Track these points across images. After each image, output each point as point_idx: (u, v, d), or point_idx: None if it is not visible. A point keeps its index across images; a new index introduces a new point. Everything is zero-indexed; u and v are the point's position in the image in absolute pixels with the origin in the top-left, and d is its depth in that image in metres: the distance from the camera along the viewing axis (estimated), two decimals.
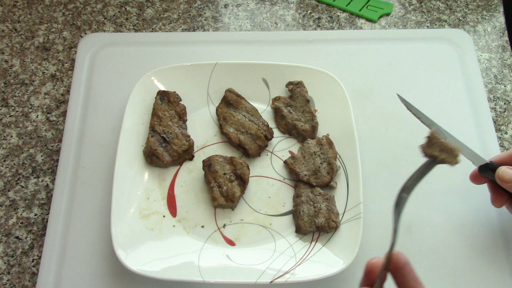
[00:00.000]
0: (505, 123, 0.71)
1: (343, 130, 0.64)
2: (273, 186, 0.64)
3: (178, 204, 0.62)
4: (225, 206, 0.61)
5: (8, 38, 0.78)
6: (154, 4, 0.82)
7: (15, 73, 0.74)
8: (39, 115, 0.71)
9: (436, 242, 0.61)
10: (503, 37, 0.79)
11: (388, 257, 0.39)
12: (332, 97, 0.67)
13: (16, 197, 0.65)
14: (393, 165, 0.66)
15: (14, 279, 0.59)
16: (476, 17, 0.81)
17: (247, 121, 0.66)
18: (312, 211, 0.60)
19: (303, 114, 0.67)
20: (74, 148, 0.66)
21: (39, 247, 0.61)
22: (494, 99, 0.73)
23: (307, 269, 0.56)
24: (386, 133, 0.69)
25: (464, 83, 0.73)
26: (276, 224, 0.61)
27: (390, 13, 0.81)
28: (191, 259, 0.57)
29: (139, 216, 0.60)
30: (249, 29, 0.79)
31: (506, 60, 0.76)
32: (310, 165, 0.63)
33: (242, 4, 0.82)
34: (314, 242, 0.59)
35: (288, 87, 0.68)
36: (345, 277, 0.58)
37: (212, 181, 0.61)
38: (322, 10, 0.81)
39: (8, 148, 0.68)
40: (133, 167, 0.63)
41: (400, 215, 0.42)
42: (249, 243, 0.60)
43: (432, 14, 0.81)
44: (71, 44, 0.77)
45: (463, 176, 0.65)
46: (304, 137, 0.66)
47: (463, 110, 0.70)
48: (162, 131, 0.64)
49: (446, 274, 0.59)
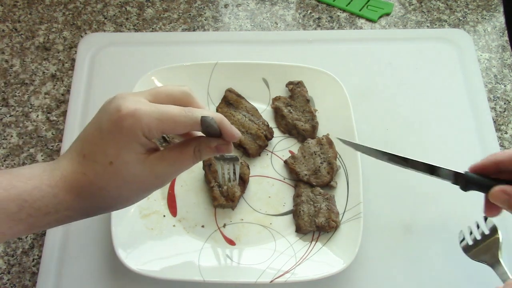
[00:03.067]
0: (505, 123, 0.71)
1: (343, 130, 0.64)
2: (273, 186, 0.64)
3: (178, 204, 0.62)
4: (225, 206, 0.61)
5: (8, 38, 0.78)
6: (154, 4, 0.82)
7: (15, 73, 0.74)
8: (39, 115, 0.71)
9: (436, 242, 0.61)
10: (503, 37, 0.79)
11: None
12: (332, 97, 0.67)
13: None
14: (393, 165, 0.66)
15: (15, 279, 0.59)
16: (476, 17, 0.81)
17: (247, 121, 0.66)
18: (312, 210, 0.60)
19: (303, 114, 0.67)
20: None
21: (39, 247, 0.61)
22: (494, 99, 0.73)
23: (307, 268, 0.56)
24: (386, 133, 0.69)
25: (464, 83, 0.73)
26: (276, 223, 0.61)
27: (390, 13, 0.81)
28: (191, 259, 0.58)
29: (139, 215, 0.60)
30: (249, 29, 0.79)
31: (506, 60, 0.76)
32: (310, 164, 0.63)
33: (242, 4, 0.82)
34: (314, 242, 0.59)
35: (288, 87, 0.68)
36: (345, 277, 0.58)
37: (212, 180, 0.61)
38: (322, 10, 0.81)
39: (8, 147, 0.68)
40: None
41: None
42: (249, 243, 0.60)
43: (432, 14, 0.81)
44: (71, 44, 0.77)
45: None
46: (304, 136, 0.66)
47: (463, 110, 0.70)
48: None
49: (447, 274, 0.59)
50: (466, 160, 0.66)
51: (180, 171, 0.44)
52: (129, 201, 0.43)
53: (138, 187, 0.42)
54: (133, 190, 0.42)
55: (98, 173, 0.40)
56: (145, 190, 0.43)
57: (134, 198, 0.43)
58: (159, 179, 0.43)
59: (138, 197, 0.44)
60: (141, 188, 0.42)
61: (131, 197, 0.43)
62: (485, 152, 0.67)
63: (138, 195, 0.43)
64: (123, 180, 0.40)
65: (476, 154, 0.67)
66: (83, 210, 0.41)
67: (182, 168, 0.43)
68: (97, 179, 0.40)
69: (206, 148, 0.43)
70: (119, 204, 0.43)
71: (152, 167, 0.41)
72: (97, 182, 0.40)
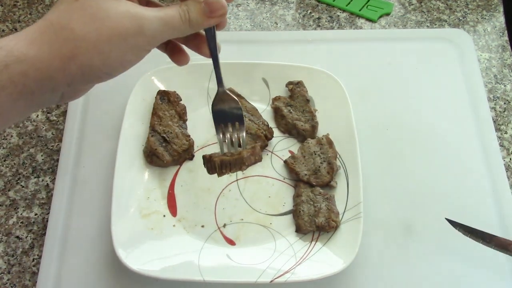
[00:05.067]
0: (505, 123, 0.71)
1: (343, 129, 0.64)
2: (273, 185, 0.64)
3: (178, 204, 0.62)
4: (232, 163, 0.51)
5: None
6: None
7: None
8: (39, 114, 0.71)
9: (436, 242, 0.61)
10: (503, 37, 0.79)
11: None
12: (332, 97, 0.67)
13: (16, 197, 0.65)
14: (393, 165, 0.66)
15: (15, 279, 0.59)
16: (476, 17, 0.81)
17: (247, 121, 0.66)
18: (312, 210, 0.60)
19: (303, 114, 0.67)
20: (74, 148, 0.66)
21: (39, 247, 0.61)
22: (494, 99, 0.73)
23: (307, 268, 0.56)
24: (386, 133, 0.69)
25: (464, 83, 0.73)
26: (276, 223, 0.61)
27: (390, 13, 0.81)
28: (191, 259, 0.58)
29: (139, 215, 0.60)
30: (249, 29, 0.79)
31: (506, 60, 0.76)
32: (310, 164, 0.63)
33: (242, 4, 0.82)
34: (314, 242, 0.59)
35: (288, 87, 0.68)
36: (345, 277, 0.58)
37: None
38: (322, 10, 0.81)
39: (8, 147, 0.68)
40: (133, 166, 0.63)
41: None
42: (249, 243, 0.60)
43: (432, 14, 0.81)
44: None
45: (463, 175, 0.66)
46: (304, 136, 0.66)
47: (463, 109, 0.70)
48: (162, 130, 0.64)
49: (446, 274, 0.59)
50: (466, 160, 0.67)
51: (163, 32, 0.37)
52: (101, 52, 0.34)
53: (110, 27, 0.34)
54: (102, 31, 0.33)
55: (61, 10, 0.33)
56: (119, 37, 0.34)
57: (106, 48, 0.34)
58: (135, 26, 0.34)
59: (113, 46, 0.34)
60: (114, 31, 0.34)
61: (102, 44, 0.34)
62: (485, 152, 0.67)
63: (112, 42, 0.34)
64: (90, 14, 0.33)
65: (476, 154, 0.67)
66: (42, 63, 0.33)
67: (167, 24, 0.36)
68: (58, 17, 0.33)
69: (194, 3, 0.38)
70: (90, 54, 0.34)
71: (128, 7, 0.34)
72: (57, 20, 0.33)
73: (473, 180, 0.65)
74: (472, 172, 0.66)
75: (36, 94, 0.34)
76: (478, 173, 0.65)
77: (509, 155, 0.68)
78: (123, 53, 0.35)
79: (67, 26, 0.33)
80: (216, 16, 0.40)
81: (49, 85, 0.34)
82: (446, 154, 0.67)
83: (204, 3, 0.38)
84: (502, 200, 0.63)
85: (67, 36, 0.33)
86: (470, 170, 0.66)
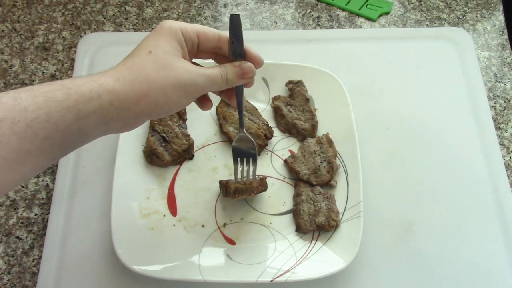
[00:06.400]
0: (505, 122, 0.71)
1: (343, 129, 0.64)
2: (273, 185, 0.64)
3: (178, 204, 0.62)
4: (243, 191, 0.59)
5: (7, 38, 0.78)
6: (153, 3, 0.82)
7: (15, 73, 0.74)
8: None
9: (436, 242, 0.61)
10: (502, 36, 0.79)
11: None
12: (332, 96, 0.67)
13: (16, 197, 0.65)
14: (393, 164, 0.66)
15: (15, 279, 0.59)
16: (476, 15, 0.81)
17: (247, 120, 0.66)
18: (312, 210, 0.60)
19: (303, 113, 0.67)
20: None
21: (39, 247, 0.61)
22: (494, 98, 0.73)
23: (307, 268, 0.56)
24: (386, 132, 0.69)
25: (464, 81, 0.73)
26: (276, 223, 0.61)
27: (389, 12, 0.81)
28: (192, 258, 0.58)
29: (140, 215, 0.60)
30: (248, 28, 0.79)
31: (506, 58, 0.76)
32: (310, 164, 0.63)
33: (242, 3, 0.82)
34: (314, 241, 0.59)
35: (288, 86, 0.68)
36: (346, 276, 0.58)
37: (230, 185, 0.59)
38: (321, 9, 0.81)
39: None
40: (133, 166, 0.63)
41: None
42: (250, 242, 0.60)
43: (432, 13, 0.81)
44: (71, 44, 0.77)
45: (463, 174, 0.65)
46: (304, 136, 0.66)
47: (463, 108, 0.70)
48: (162, 130, 0.64)
49: (447, 273, 0.59)
50: (466, 159, 0.67)
51: (208, 85, 0.47)
52: (166, 94, 0.44)
53: (174, 76, 0.44)
54: (169, 79, 0.44)
55: (137, 60, 0.44)
56: (180, 85, 0.45)
57: (170, 91, 0.44)
58: (191, 79, 0.45)
59: (174, 90, 0.45)
60: (177, 80, 0.44)
61: (168, 88, 0.44)
62: (485, 151, 0.67)
63: (174, 88, 0.45)
64: (160, 65, 0.44)
65: (475, 152, 0.67)
66: (124, 96, 0.42)
67: (211, 80, 0.47)
68: (136, 64, 0.44)
69: (231, 66, 0.49)
70: (158, 94, 0.44)
71: (186, 64, 0.46)
72: (135, 66, 0.44)
73: (473, 179, 0.65)
74: (472, 171, 0.66)
75: (113, 120, 0.43)
76: (478, 172, 0.65)
77: (509, 154, 0.68)
78: (180, 97, 0.46)
79: (144, 71, 0.43)
80: (246, 78, 0.51)
81: (124, 114, 0.43)
82: (446, 152, 0.67)
83: (238, 67, 0.50)
84: (502, 199, 0.63)
85: (143, 79, 0.43)
86: (470, 168, 0.66)
